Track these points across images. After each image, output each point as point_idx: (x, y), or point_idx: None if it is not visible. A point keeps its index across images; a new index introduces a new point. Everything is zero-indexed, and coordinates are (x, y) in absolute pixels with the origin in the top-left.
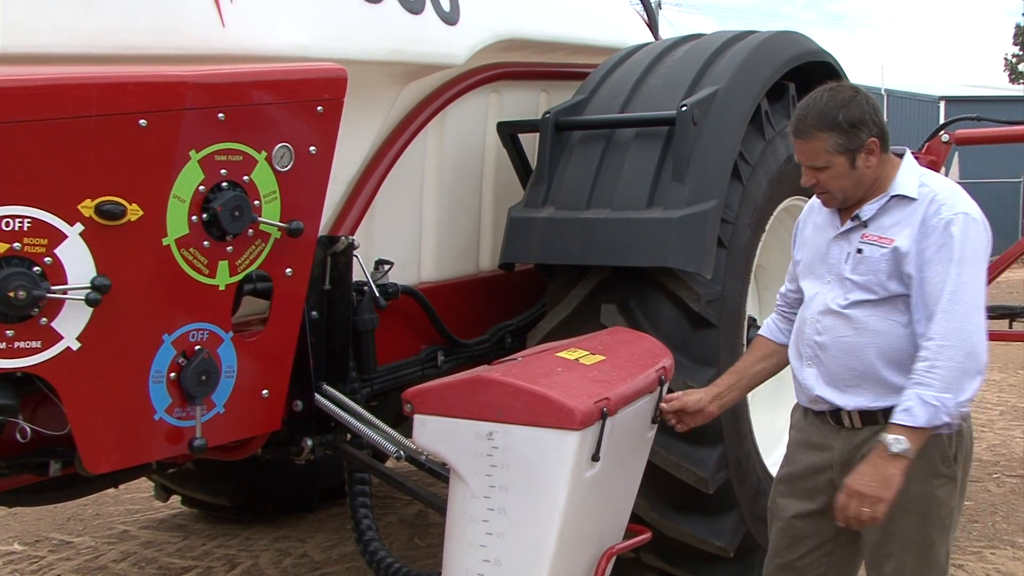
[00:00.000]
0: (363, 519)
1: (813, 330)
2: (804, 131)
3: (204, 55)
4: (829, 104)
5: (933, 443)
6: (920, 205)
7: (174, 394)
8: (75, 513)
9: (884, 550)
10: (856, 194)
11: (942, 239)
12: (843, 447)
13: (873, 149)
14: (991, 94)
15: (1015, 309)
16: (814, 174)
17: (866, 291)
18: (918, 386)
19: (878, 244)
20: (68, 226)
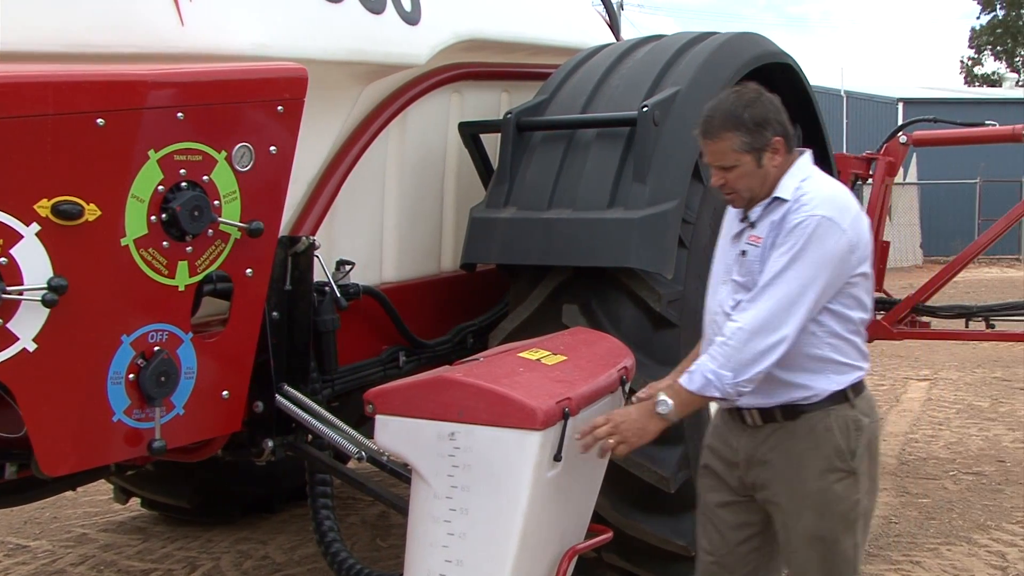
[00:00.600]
0: (325, 520)
1: (712, 331)
2: (711, 132)
3: (163, 54)
4: (735, 104)
5: (825, 439)
6: (786, 207)
7: (133, 395)
8: (32, 516)
9: (789, 548)
10: (762, 193)
11: (787, 237)
12: (747, 445)
13: (778, 148)
14: (948, 96)
15: (971, 309)
16: (722, 174)
17: (747, 292)
18: (707, 356)
19: (756, 245)
20: (24, 226)
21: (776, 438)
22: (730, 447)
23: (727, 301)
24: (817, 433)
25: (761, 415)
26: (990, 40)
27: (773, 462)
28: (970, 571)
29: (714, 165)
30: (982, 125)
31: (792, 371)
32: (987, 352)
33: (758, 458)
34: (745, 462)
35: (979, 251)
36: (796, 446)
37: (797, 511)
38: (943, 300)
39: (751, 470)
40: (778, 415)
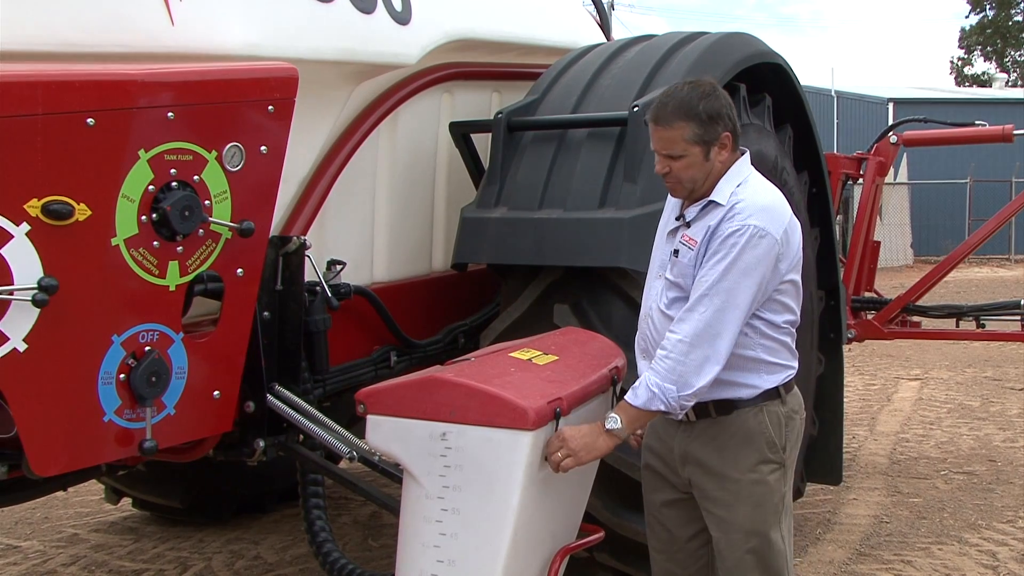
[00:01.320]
0: (316, 520)
1: (647, 326)
2: (664, 119)
3: (153, 53)
4: (690, 95)
5: (758, 431)
6: (721, 211)
7: (124, 395)
8: (23, 517)
9: (723, 543)
10: (704, 187)
11: (721, 246)
12: (681, 440)
13: (726, 144)
14: (938, 96)
15: (962, 308)
16: (668, 162)
17: (680, 290)
18: (650, 371)
19: (689, 246)
20: (14, 226)
21: (709, 434)
22: (666, 444)
23: (660, 298)
24: (750, 427)
25: (695, 411)
26: (980, 40)
27: (707, 457)
28: (961, 570)
29: (661, 153)
30: (972, 125)
31: (727, 370)
32: (978, 352)
33: (692, 454)
34: (680, 458)
35: (969, 251)
36: (730, 441)
37: (732, 504)
38: (934, 300)
39: (686, 466)
40: (712, 410)
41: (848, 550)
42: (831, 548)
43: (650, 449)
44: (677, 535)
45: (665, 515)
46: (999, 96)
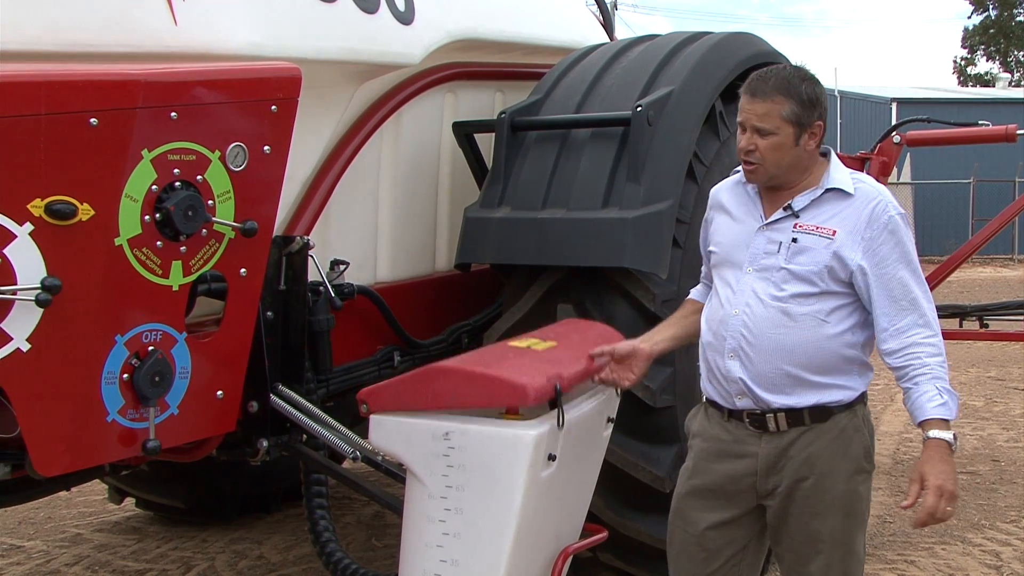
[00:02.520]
0: (320, 520)
1: (740, 322)
2: (763, 91)
3: (156, 53)
4: (793, 75)
5: (857, 440)
6: (861, 202)
7: (127, 395)
8: (26, 516)
9: (809, 550)
10: (787, 176)
11: (895, 238)
12: (767, 452)
13: (817, 133)
14: (942, 96)
15: (965, 308)
16: (755, 139)
17: (805, 282)
18: (937, 380)
19: (818, 234)
20: (17, 226)
21: (804, 440)
22: (740, 458)
23: (770, 290)
24: (847, 435)
25: (788, 419)
26: (983, 40)
27: (800, 465)
28: (964, 570)
29: (752, 126)
30: (975, 125)
31: (826, 373)
32: (981, 352)
33: (784, 463)
34: (765, 469)
35: (973, 251)
36: (826, 449)
37: (824, 514)
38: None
39: (772, 476)
40: (806, 418)
41: None
42: None
43: (708, 468)
44: (719, 555)
45: (710, 538)
46: (1002, 96)
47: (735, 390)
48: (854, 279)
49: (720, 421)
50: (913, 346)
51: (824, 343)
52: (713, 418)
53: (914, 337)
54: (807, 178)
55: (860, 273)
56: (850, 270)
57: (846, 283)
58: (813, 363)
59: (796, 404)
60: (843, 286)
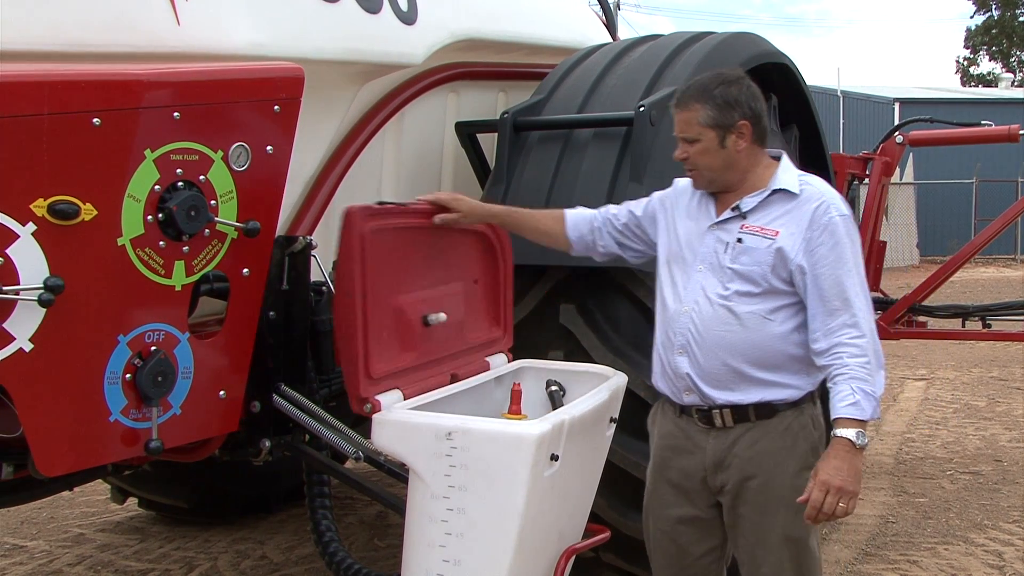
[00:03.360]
0: (322, 520)
1: (688, 319)
2: (682, 101)
3: (159, 53)
4: (711, 81)
5: (803, 436)
6: (805, 203)
7: (130, 395)
8: (29, 517)
9: (761, 549)
10: (724, 178)
11: (833, 238)
12: (715, 447)
13: (744, 133)
14: (944, 96)
15: (968, 308)
16: (686, 147)
17: (748, 282)
18: (855, 380)
19: (761, 235)
20: (20, 226)
21: (750, 437)
22: (691, 454)
23: (716, 288)
24: (793, 432)
25: (733, 415)
26: (985, 40)
27: (746, 463)
28: (967, 570)
29: (679, 136)
30: (978, 125)
31: (771, 370)
32: (984, 352)
33: (731, 460)
34: (714, 464)
35: (976, 251)
36: (771, 445)
37: (774, 511)
38: (940, 300)
39: (720, 473)
40: (751, 415)
41: (854, 550)
42: (837, 548)
43: (666, 463)
44: (690, 551)
45: (679, 531)
46: (1005, 96)
47: (683, 386)
48: (794, 279)
49: (673, 417)
50: (839, 346)
51: (768, 341)
52: (667, 414)
53: (841, 337)
54: (753, 179)
55: (799, 273)
56: (790, 269)
57: (789, 283)
58: (757, 360)
59: (740, 400)
60: (787, 285)
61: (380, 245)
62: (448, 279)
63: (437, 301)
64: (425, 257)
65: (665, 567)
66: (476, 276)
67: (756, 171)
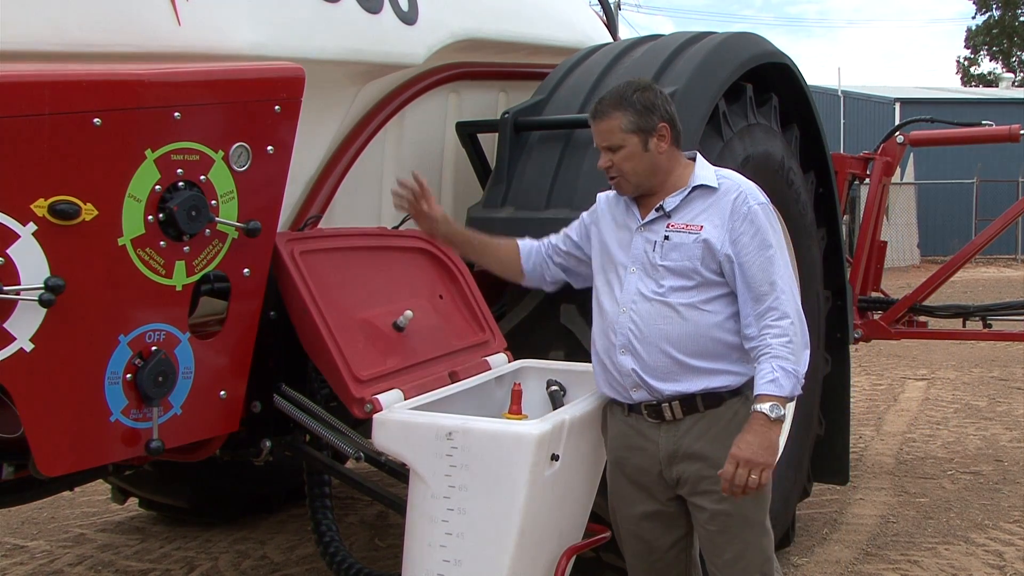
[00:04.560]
0: (323, 520)
1: (627, 319)
2: (601, 112)
3: (160, 53)
4: (625, 89)
5: None
6: (724, 196)
7: (130, 395)
8: (29, 517)
9: (725, 536)
10: (648, 182)
11: (754, 227)
12: (666, 441)
13: (664, 135)
14: (945, 96)
15: (968, 308)
16: (609, 156)
17: (680, 276)
18: (776, 359)
19: (686, 231)
20: (21, 226)
21: (700, 427)
22: (643, 450)
23: (651, 286)
24: (740, 418)
25: (682, 407)
26: (986, 40)
27: (702, 451)
28: (968, 570)
29: (602, 146)
30: (979, 125)
31: (711, 358)
32: (984, 352)
33: (683, 451)
34: (667, 458)
35: (976, 251)
36: (721, 433)
37: (729, 497)
38: (940, 300)
39: (675, 465)
40: (700, 404)
41: (855, 550)
42: (838, 548)
43: (623, 462)
44: (656, 545)
45: (644, 527)
46: (1006, 96)
47: (630, 383)
48: (723, 269)
49: (622, 416)
50: (765, 329)
51: (706, 331)
52: (616, 415)
53: (766, 321)
54: (673, 180)
55: (728, 262)
56: (719, 260)
57: (719, 273)
58: (697, 350)
59: (686, 390)
60: (718, 276)
61: (315, 264)
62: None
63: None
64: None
65: (636, 563)
66: (439, 291)
67: (676, 172)
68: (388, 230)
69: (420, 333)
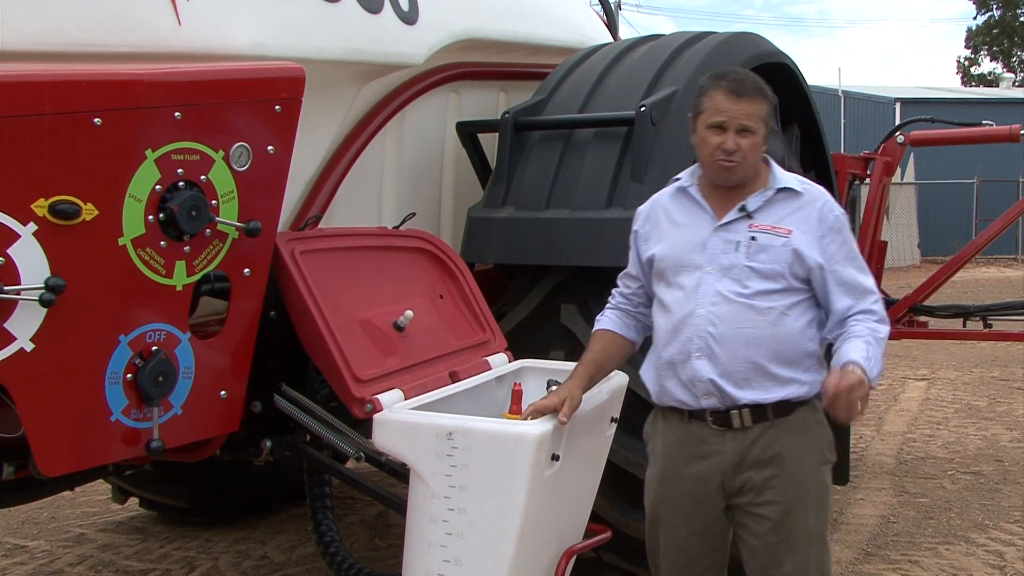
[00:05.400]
0: (323, 520)
1: (706, 321)
2: (748, 92)
3: (160, 53)
4: (758, 80)
5: (819, 432)
6: (810, 202)
7: (131, 395)
8: (30, 517)
9: (785, 548)
10: (751, 174)
11: (841, 236)
12: (733, 449)
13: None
14: (945, 96)
15: (969, 308)
16: (737, 139)
17: (767, 279)
18: (872, 346)
19: (774, 233)
20: (21, 226)
21: (769, 436)
22: (706, 459)
23: (733, 287)
24: (810, 427)
25: (752, 414)
26: (986, 40)
27: (770, 462)
28: (968, 570)
29: (741, 124)
30: (979, 125)
31: (789, 366)
32: (985, 352)
33: (751, 459)
34: (732, 467)
35: (977, 251)
36: (792, 442)
37: (798, 507)
38: (941, 300)
39: (740, 474)
40: (770, 413)
41: (855, 550)
42: (838, 548)
43: (678, 473)
44: (699, 561)
45: (691, 543)
46: (1006, 96)
47: (702, 391)
48: (812, 276)
49: (681, 423)
50: (856, 314)
51: (787, 337)
52: (672, 422)
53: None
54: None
55: (818, 271)
56: (809, 267)
57: (804, 280)
58: (778, 356)
59: (763, 399)
60: (801, 283)
61: (316, 264)
62: (410, 295)
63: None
64: (374, 276)
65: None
66: (440, 291)
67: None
68: (388, 230)
69: (420, 333)
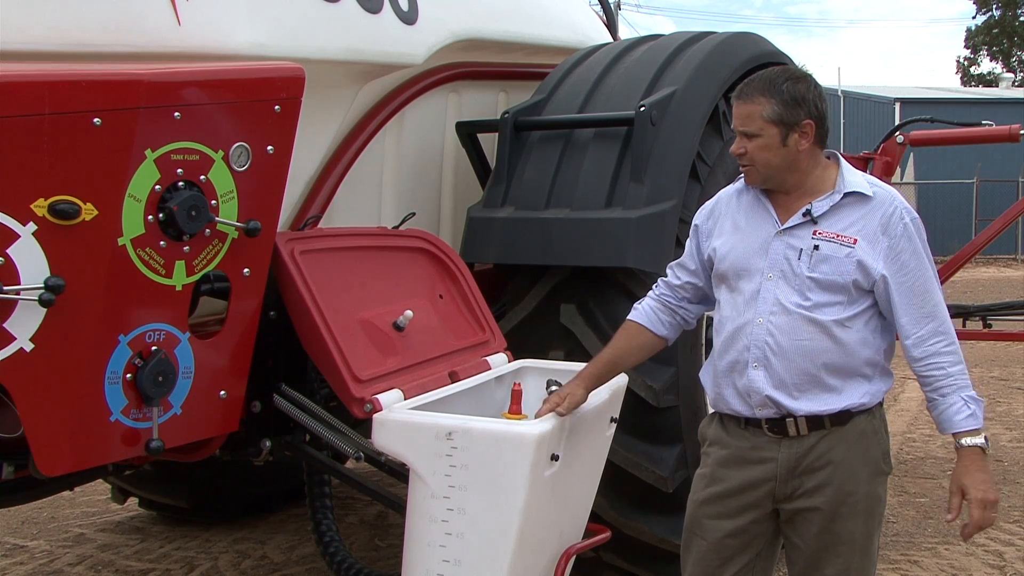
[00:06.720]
0: (323, 520)
1: (764, 330)
2: (746, 94)
3: (160, 53)
4: (778, 75)
5: (875, 442)
6: (879, 207)
7: (130, 395)
8: (29, 516)
9: (828, 554)
10: (782, 177)
11: (912, 244)
12: (787, 456)
13: (807, 132)
14: (945, 96)
15: (968, 308)
16: (744, 142)
17: (829, 291)
18: (962, 390)
19: (839, 243)
20: (21, 226)
21: (825, 444)
22: (759, 464)
23: (794, 298)
24: (867, 437)
25: (808, 423)
26: (986, 40)
27: (824, 469)
28: (968, 570)
29: (738, 130)
30: (979, 125)
31: (850, 378)
32: (984, 352)
33: (806, 466)
34: (786, 473)
35: (976, 251)
36: (848, 451)
37: (846, 517)
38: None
39: (792, 480)
40: (826, 422)
41: None
42: None
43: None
44: (731, 564)
45: (727, 545)
46: (1006, 96)
47: (757, 401)
48: (875, 287)
49: (737, 428)
50: (936, 355)
51: (850, 349)
52: (729, 426)
53: (936, 346)
54: (813, 181)
55: (883, 282)
56: (873, 279)
57: (867, 291)
58: (837, 368)
59: (820, 410)
60: (864, 293)
61: (316, 264)
62: (410, 295)
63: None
64: (374, 276)
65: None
66: (439, 291)
67: (816, 172)
68: (388, 230)
69: (420, 333)
